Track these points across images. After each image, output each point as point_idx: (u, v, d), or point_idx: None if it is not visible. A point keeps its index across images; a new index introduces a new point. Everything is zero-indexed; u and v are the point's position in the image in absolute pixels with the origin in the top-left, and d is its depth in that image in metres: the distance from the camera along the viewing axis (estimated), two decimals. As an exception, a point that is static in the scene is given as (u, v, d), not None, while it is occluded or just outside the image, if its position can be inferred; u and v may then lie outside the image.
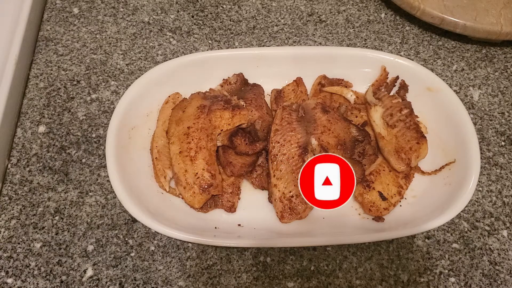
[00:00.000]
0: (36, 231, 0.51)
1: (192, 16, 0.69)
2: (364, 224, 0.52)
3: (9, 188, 0.54)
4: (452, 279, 0.50)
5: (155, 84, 0.57)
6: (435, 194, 0.53)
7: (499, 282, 0.50)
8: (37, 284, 0.48)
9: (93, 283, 0.48)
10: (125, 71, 0.63)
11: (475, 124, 0.60)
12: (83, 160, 0.56)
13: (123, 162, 0.52)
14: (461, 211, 0.51)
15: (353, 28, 0.69)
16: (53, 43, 0.65)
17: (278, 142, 0.52)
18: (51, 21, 0.68)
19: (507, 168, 0.57)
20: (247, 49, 0.63)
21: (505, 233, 0.53)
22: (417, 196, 0.54)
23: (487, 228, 0.53)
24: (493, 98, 0.63)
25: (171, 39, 0.67)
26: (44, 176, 0.54)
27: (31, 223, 0.51)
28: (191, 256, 0.50)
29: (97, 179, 0.54)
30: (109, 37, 0.66)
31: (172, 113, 0.56)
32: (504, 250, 0.52)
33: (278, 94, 0.59)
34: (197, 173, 0.50)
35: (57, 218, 0.52)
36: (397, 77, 0.59)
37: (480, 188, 0.56)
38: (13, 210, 0.52)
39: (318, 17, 0.70)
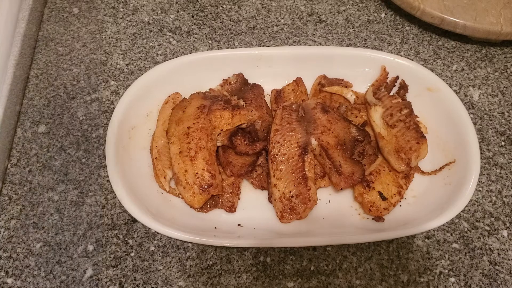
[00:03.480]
0: (36, 231, 0.51)
1: (192, 16, 0.69)
2: (364, 224, 0.52)
3: (9, 188, 0.54)
4: (452, 279, 0.50)
5: (155, 84, 0.57)
6: (435, 194, 0.53)
7: (499, 282, 0.50)
8: (37, 284, 0.48)
9: (93, 283, 0.48)
10: (125, 71, 0.63)
11: (475, 124, 0.60)
12: (83, 160, 0.56)
13: (123, 162, 0.52)
14: (461, 211, 0.51)
15: (353, 28, 0.69)
16: (53, 43, 0.65)
17: (278, 142, 0.52)
18: (51, 21, 0.68)
19: (507, 168, 0.57)
20: (247, 49, 0.63)
21: (505, 233, 0.53)
22: (417, 196, 0.54)
23: (487, 228, 0.53)
24: (493, 98, 0.63)
25: (171, 39, 0.67)
26: (44, 176, 0.54)
27: (31, 223, 0.51)
28: (191, 256, 0.50)
29: (97, 179, 0.54)
30: (109, 37, 0.66)
31: (172, 113, 0.56)
32: (504, 250, 0.52)
33: (278, 94, 0.59)
34: (197, 173, 0.50)
35: (57, 218, 0.52)
36: (397, 77, 0.59)
37: (480, 188, 0.56)
38: (13, 210, 0.52)
39: (318, 17, 0.70)
